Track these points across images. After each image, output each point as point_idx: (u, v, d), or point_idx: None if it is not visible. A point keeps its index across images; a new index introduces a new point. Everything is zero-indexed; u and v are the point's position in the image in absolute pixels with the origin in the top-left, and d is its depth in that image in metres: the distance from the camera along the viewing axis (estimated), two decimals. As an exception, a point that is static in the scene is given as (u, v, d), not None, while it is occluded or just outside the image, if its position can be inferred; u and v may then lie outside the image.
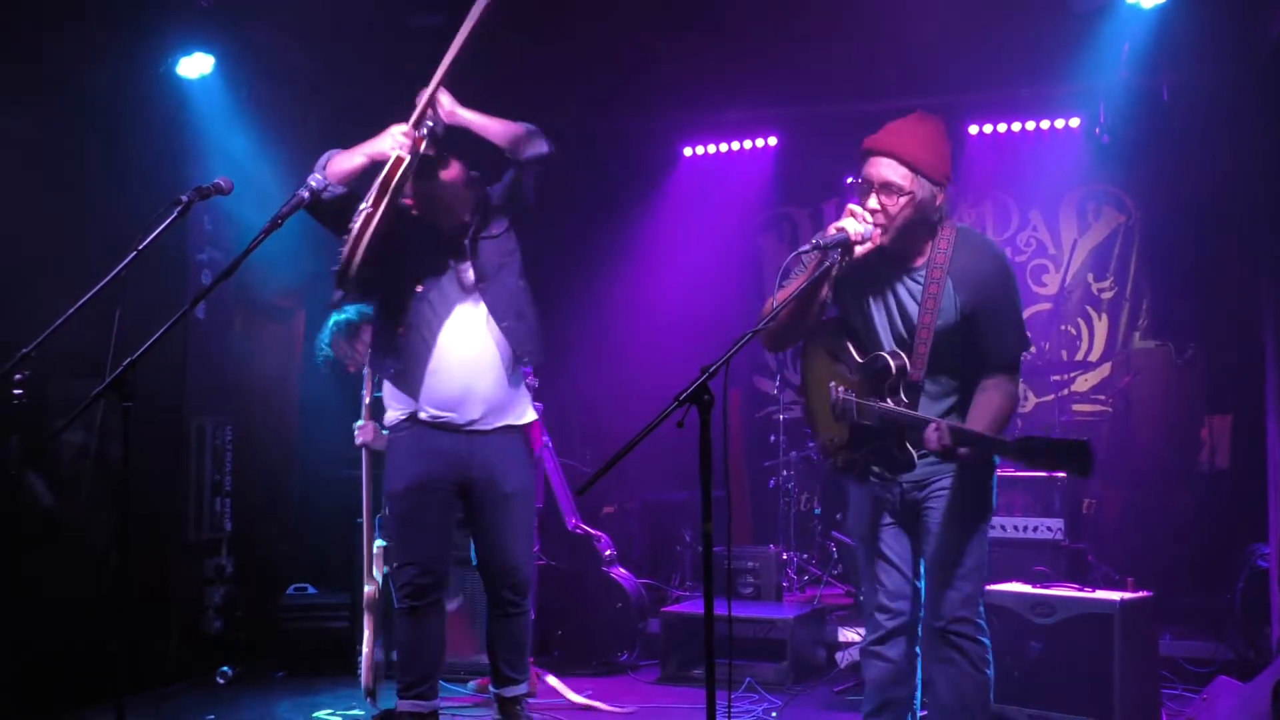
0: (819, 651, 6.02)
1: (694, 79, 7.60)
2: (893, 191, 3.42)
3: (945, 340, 3.43)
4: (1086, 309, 8.29)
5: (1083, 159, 7.95)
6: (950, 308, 3.42)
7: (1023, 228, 8.49)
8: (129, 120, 5.82)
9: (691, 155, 8.89)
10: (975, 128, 8.26)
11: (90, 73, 5.54)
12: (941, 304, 3.41)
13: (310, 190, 3.74)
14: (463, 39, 4.05)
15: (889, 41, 6.82)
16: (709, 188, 8.87)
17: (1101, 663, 4.48)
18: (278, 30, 6.37)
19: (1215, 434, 7.11)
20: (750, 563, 6.39)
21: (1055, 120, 8.05)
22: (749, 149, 8.78)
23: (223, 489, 6.18)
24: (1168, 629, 5.59)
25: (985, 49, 6.89)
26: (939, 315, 3.42)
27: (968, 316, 3.41)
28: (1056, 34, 6.68)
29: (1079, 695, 4.52)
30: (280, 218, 3.55)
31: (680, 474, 7.13)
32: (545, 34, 6.88)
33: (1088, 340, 8.28)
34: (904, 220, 3.41)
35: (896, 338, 3.51)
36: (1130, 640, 4.49)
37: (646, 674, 5.90)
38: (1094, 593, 4.70)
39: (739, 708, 5.09)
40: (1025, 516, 5.61)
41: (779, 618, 5.70)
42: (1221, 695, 4.48)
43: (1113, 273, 8.27)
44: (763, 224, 9.10)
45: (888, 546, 3.59)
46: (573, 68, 7.33)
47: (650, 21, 6.80)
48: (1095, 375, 8.18)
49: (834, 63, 7.29)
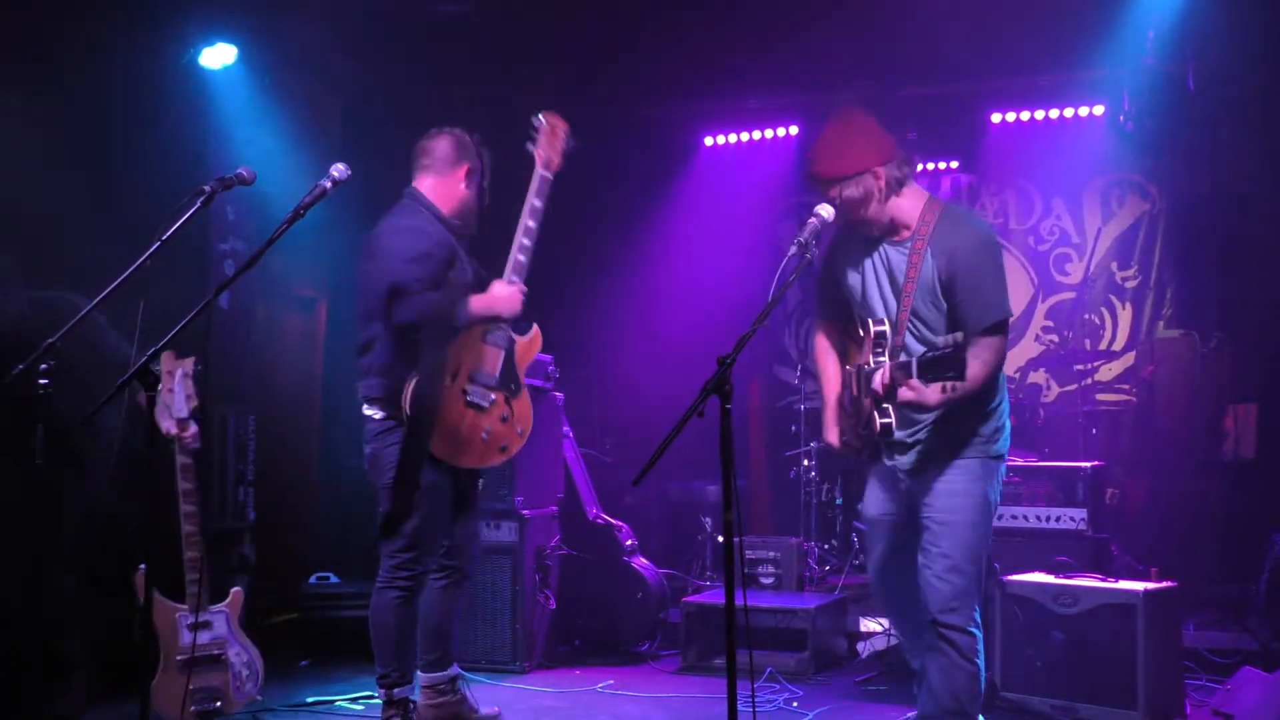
0: (840, 641, 6.02)
1: (715, 68, 7.59)
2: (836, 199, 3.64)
3: (925, 306, 3.63)
4: (1110, 298, 8.25)
5: (1106, 147, 7.91)
6: (929, 275, 3.61)
7: (1046, 216, 8.45)
8: (152, 111, 5.84)
9: (712, 145, 8.88)
10: (998, 116, 8.22)
11: (113, 63, 5.56)
12: (921, 272, 3.61)
13: (333, 181, 3.75)
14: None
15: (911, 29, 6.80)
16: (730, 177, 8.86)
17: (1125, 653, 4.46)
18: (301, 20, 6.39)
19: (1240, 423, 7.06)
20: (771, 552, 6.38)
21: (1079, 108, 8.00)
22: (770, 138, 8.77)
23: (245, 478, 6.21)
24: (1191, 619, 5.57)
25: (1007, 36, 6.86)
26: (919, 283, 3.62)
27: (945, 284, 3.59)
28: (1079, 20, 6.64)
29: (1102, 685, 4.50)
30: (303, 208, 3.56)
31: (701, 464, 7.13)
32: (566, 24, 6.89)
33: (1111, 329, 8.24)
34: (850, 208, 3.65)
35: (886, 306, 3.72)
36: (1153, 630, 4.47)
37: (667, 664, 5.91)
38: (1117, 583, 4.68)
39: (760, 698, 5.09)
40: (1048, 506, 5.58)
41: (800, 607, 5.70)
42: (1245, 686, 4.46)
43: (1137, 261, 8.22)
44: (783, 213, 9.08)
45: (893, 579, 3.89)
46: (594, 57, 7.34)
47: (671, 10, 6.80)
48: (1119, 364, 8.14)
49: (856, 51, 7.27)
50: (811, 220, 3.51)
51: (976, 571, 3.60)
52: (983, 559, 3.62)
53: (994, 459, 3.65)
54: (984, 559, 3.63)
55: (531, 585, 5.73)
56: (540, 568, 5.83)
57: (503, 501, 5.73)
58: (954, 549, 3.57)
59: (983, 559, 3.62)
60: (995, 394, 3.68)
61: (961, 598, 3.56)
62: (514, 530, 5.72)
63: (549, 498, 6.10)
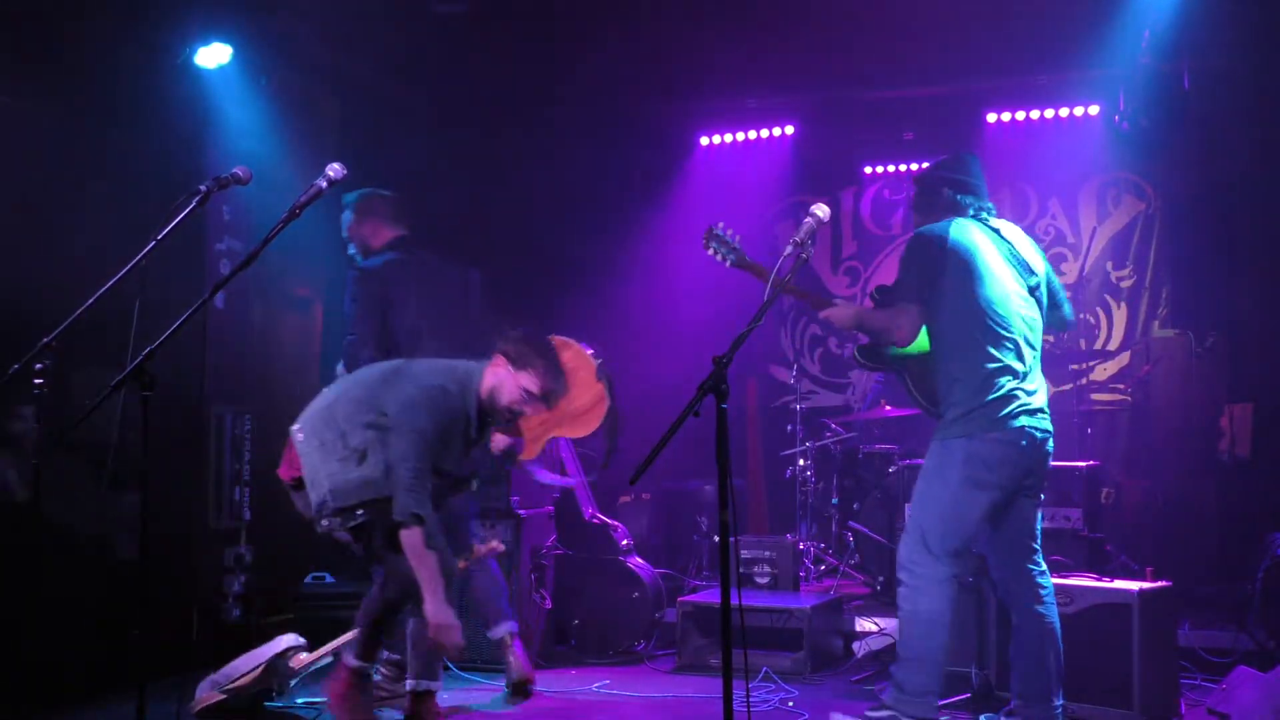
0: (836, 641, 6.02)
1: (711, 67, 7.59)
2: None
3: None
4: (1105, 297, 8.26)
5: (1102, 147, 7.92)
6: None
7: (1041, 216, 8.46)
8: (147, 110, 5.83)
9: (708, 144, 8.88)
10: (994, 115, 8.23)
11: (108, 62, 5.56)
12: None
13: (329, 180, 3.75)
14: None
15: (908, 29, 6.80)
16: (726, 176, 8.86)
17: (1120, 653, 4.46)
18: (297, 19, 6.39)
19: (1236, 423, 7.07)
20: (767, 552, 6.38)
21: (1074, 108, 8.01)
22: (766, 137, 8.77)
23: (242, 478, 6.21)
24: (1187, 619, 5.57)
25: (1004, 35, 6.86)
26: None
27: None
28: (1075, 20, 6.64)
29: (1097, 685, 4.50)
30: (299, 207, 3.57)
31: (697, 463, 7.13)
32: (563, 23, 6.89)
33: (1107, 329, 8.25)
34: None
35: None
36: (1149, 630, 4.47)
37: (663, 663, 5.91)
38: (1112, 583, 4.68)
39: (756, 697, 5.09)
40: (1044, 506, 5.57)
41: (796, 607, 5.70)
42: (1241, 685, 4.46)
43: (1132, 261, 8.23)
44: (780, 213, 9.08)
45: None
46: (590, 56, 7.33)
47: (668, 9, 6.79)
48: (1114, 364, 8.15)
49: (852, 50, 7.28)
50: (808, 220, 3.52)
51: (917, 535, 4.17)
52: (922, 528, 4.15)
53: (948, 437, 4.16)
54: (924, 528, 4.15)
55: (527, 585, 5.74)
56: (536, 567, 5.83)
57: (498, 501, 5.73)
58: (911, 514, 4.28)
59: (922, 528, 4.15)
60: (951, 388, 4.18)
61: (904, 554, 4.20)
62: (510, 530, 5.72)
63: (544, 497, 6.11)
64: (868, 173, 9.00)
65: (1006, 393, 4.10)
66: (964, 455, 4.10)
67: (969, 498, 4.11)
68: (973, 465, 4.09)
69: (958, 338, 4.17)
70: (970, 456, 4.10)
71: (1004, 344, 4.13)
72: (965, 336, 4.15)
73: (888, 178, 9.05)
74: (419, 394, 4.06)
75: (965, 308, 4.15)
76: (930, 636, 4.12)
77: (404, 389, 4.09)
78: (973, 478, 4.09)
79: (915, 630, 4.14)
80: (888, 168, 8.98)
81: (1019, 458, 4.12)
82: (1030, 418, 4.13)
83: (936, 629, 4.12)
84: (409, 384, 4.11)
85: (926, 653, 4.13)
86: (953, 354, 4.19)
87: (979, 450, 4.09)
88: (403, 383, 4.12)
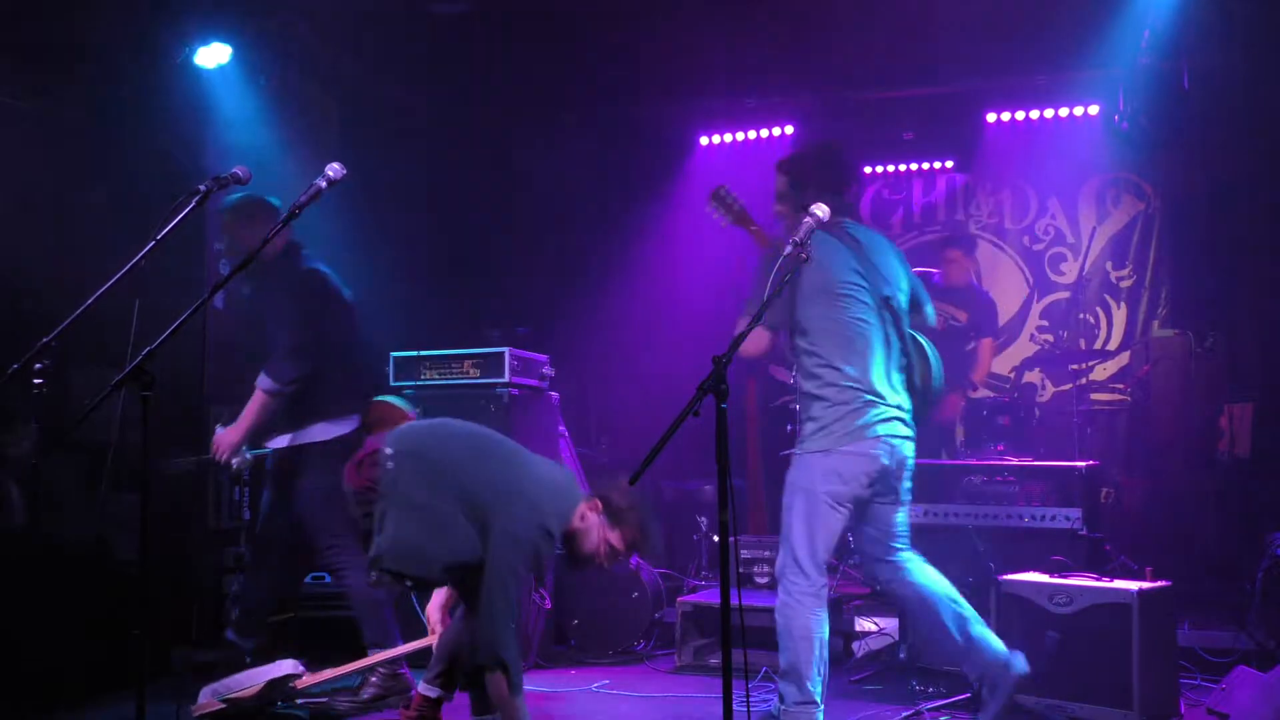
0: (836, 641, 6.01)
1: (711, 67, 7.59)
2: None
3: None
4: (1105, 297, 8.26)
5: (1102, 146, 7.91)
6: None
7: (1041, 216, 8.46)
8: (147, 110, 5.83)
9: (708, 144, 8.87)
10: (993, 115, 8.23)
11: (108, 62, 5.56)
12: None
13: (328, 180, 3.75)
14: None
15: (907, 29, 6.79)
16: (726, 176, 8.83)
17: (1120, 652, 4.46)
18: (297, 19, 6.39)
19: (1235, 422, 7.07)
20: (767, 552, 6.38)
21: (1074, 108, 8.01)
22: (766, 138, 8.76)
23: (241, 478, 6.20)
24: (1186, 618, 5.56)
25: (1003, 35, 6.86)
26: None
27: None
28: (1075, 20, 6.64)
29: (1097, 685, 4.50)
30: (298, 207, 3.56)
31: (697, 463, 7.13)
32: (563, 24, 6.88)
33: (1106, 329, 8.25)
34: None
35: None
36: (1148, 630, 4.47)
37: (663, 663, 5.91)
38: (1112, 582, 4.68)
39: (755, 697, 5.08)
40: (1043, 506, 5.58)
41: (796, 607, 5.69)
42: (1241, 685, 4.46)
43: (1132, 261, 8.24)
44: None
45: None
46: (590, 56, 7.33)
47: (667, 9, 6.79)
48: (1114, 364, 8.15)
49: (852, 51, 7.27)
50: (807, 220, 3.52)
51: (787, 545, 4.20)
52: (789, 538, 4.19)
53: (814, 454, 4.17)
54: (790, 538, 4.19)
55: (526, 585, 5.73)
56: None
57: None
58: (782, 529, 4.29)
59: (789, 538, 4.19)
60: (810, 404, 4.23)
61: (778, 567, 4.25)
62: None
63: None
64: (867, 172, 9.00)
65: (861, 404, 4.15)
66: (822, 470, 4.16)
67: (830, 512, 4.17)
68: (830, 480, 4.15)
69: (811, 353, 4.22)
70: (828, 471, 4.15)
71: (854, 358, 4.17)
72: (819, 351, 4.19)
73: (887, 177, 9.06)
74: (526, 536, 3.93)
75: (817, 324, 4.20)
76: (803, 651, 4.13)
77: (517, 510, 3.93)
78: (832, 492, 4.15)
79: (788, 645, 4.17)
80: (887, 168, 8.99)
81: (876, 468, 4.17)
82: (886, 426, 4.18)
83: (809, 644, 4.13)
84: (523, 507, 3.94)
85: (802, 666, 4.12)
86: (809, 370, 4.23)
87: (836, 464, 4.15)
88: (517, 498, 3.95)
